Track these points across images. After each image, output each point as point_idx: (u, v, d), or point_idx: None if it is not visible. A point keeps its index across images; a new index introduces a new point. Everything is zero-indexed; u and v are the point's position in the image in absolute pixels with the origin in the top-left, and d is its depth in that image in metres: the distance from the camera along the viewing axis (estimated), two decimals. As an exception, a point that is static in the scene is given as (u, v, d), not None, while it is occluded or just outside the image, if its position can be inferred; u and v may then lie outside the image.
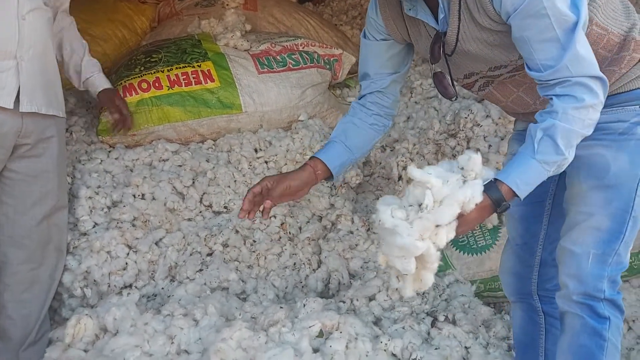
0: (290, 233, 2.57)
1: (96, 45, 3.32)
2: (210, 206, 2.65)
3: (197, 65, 2.99)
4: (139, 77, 2.92)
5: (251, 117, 2.97)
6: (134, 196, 2.56)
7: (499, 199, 1.37)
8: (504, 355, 2.01)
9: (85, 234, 2.43)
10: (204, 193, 2.66)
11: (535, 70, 1.41)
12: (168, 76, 2.92)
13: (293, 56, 3.19)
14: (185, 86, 2.92)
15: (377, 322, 2.16)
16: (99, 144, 2.85)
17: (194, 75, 2.96)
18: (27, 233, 2.17)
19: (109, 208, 2.53)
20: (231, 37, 3.20)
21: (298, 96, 3.06)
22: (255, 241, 2.53)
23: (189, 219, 2.59)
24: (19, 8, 2.02)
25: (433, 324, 2.10)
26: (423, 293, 2.28)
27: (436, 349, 1.94)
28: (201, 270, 2.42)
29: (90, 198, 2.51)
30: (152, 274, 2.41)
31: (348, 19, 4.62)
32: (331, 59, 3.34)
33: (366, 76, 1.79)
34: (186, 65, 2.99)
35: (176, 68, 2.97)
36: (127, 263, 2.38)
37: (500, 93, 1.67)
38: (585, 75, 1.36)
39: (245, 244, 2.52)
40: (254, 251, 2.50)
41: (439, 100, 3.05)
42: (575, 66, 1.36)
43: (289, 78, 3.09)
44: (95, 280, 2.32)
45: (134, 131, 2.83)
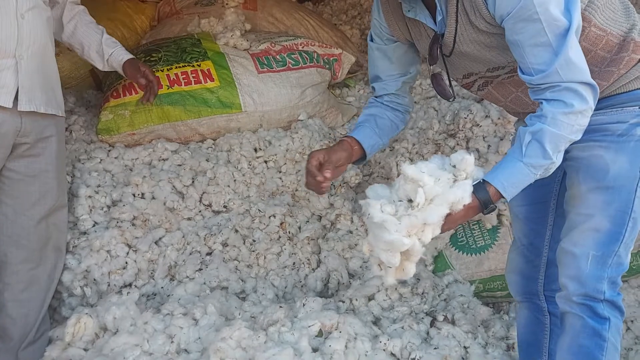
0: (289, 232, 2.57)
1: (96, 44, 3.31)
2: (209, 205, 2.65)
3: (197, 64, 2.98)
4: (139, 76, 2.91)
5: (251, 117, 2.97)
6: (134, 195, 2.56)
7: (487, 201, 1.41)
8: (503, 355, 2.02)
9: (85, 233, 2.43)
10: (204, 192, 2.66)
11: (526, 73, 1.42)
12: (168, 75, 2.92)
13: (293, 56, 3.18)
14: (185, 85, 2.91)
15: (377, 322, 2.16)
16: (99, 143, 2.84)
17: (194, 74, 2.95)
18: (26, 233, 2.16)
19: (109, 207, 2.53)
20: (231, 37, 3.20)
21: (298, 96, 3.06)
22: (254, 241, 2.53)
23: (189, 219, 2.60)
24: (18, 6, 2.00)
25: (432, 324, 2.11)
26: (422, 293, 2.29)
27: (435, 349, 1.95)
28: (201, 269, 2.42)
29: (90, 197, 2.51)
30: (152, 273, 2.41)
31: (348, 19, 4.62)
32: (331, 59, 3.34)
33: (377, 78, 1.82)
34: (186, 64, 2.98)
35: (176, 67, 2.96)
36: (127, 262, 2.38)
37: (499, 93, 1.67)
38: (575, 80, 1.37)
39: (244, 244, 2.52)
40: (254, 250, 2.51)
41: (439, 100, 3.04)
42: (565, 71, 1.37)
43: (289, 78, 3.09)
44: (95, 279, 2.32)
45: (134, 130, 2.83)
